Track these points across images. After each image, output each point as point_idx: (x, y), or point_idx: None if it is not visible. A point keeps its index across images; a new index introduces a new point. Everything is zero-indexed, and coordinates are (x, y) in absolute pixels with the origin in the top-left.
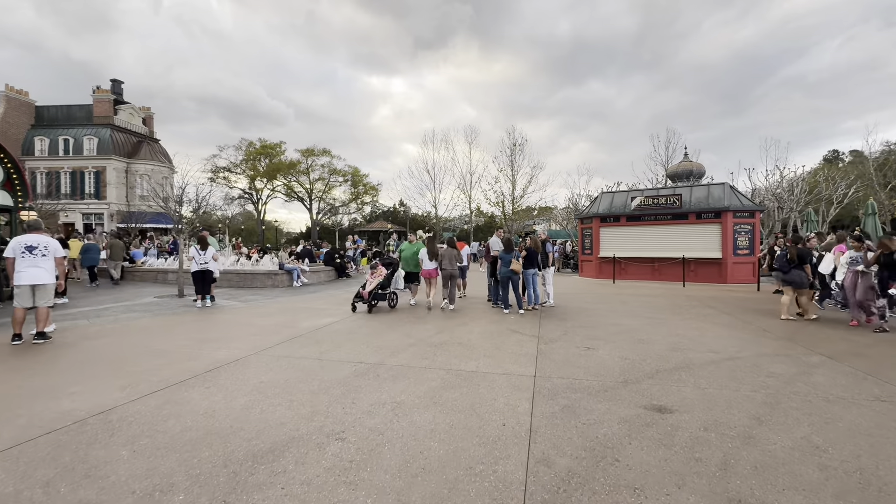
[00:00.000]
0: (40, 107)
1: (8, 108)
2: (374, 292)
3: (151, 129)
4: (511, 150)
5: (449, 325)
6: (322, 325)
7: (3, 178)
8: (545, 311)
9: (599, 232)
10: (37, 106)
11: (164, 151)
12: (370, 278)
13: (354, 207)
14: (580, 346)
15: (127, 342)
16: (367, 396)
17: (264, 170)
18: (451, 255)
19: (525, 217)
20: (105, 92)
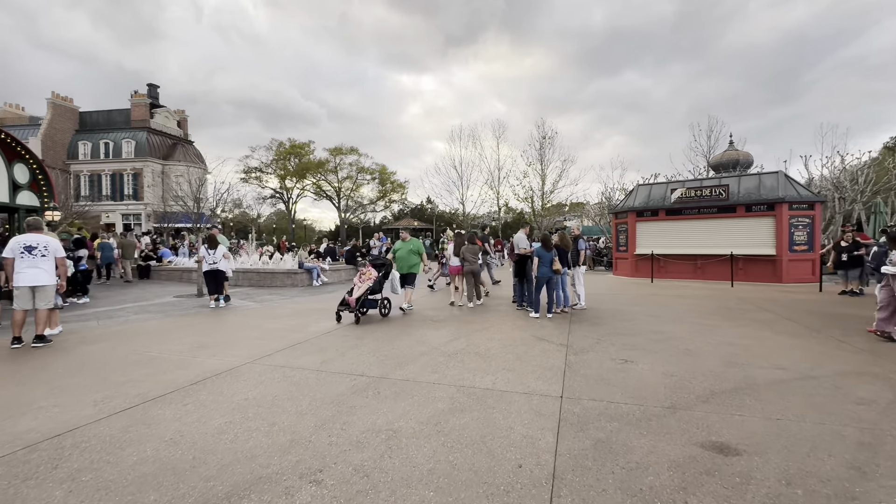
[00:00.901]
0: (83, 112)
1: (54, 115)
2: (362, 298)
3: (186, 131)
4: (540, 143)
5: (467, 330)
6: (331, 328)
7: (29, 179)
8: (575, 314)
9: (635, 227)
10: (80, 112)
11: (198, 153)
12: (358, 282)
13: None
14: (616, 357)
15: (123, 348)
16: (360, 420)
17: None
18: (473, 251)
19: (555, 213)
20: (142, 96)
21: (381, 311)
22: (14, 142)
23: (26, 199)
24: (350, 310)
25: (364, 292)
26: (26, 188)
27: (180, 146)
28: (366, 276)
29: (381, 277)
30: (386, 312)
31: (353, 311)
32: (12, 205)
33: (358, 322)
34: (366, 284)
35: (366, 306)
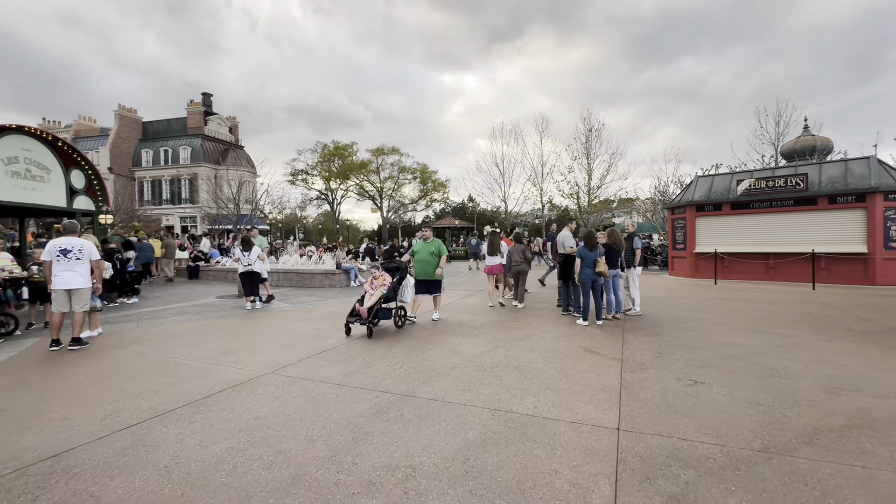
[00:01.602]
0: (146, 122)
1: (121, 126)
2: (375, 308)
3: (237, 137)
4: (586, 136)
5: (506, 339)
6: (361, 333)
7: (85, 184)
8: (630, 321)
9: (695, 223)
10: (143, 122)
11: (248, 157)
12: (369, 289)
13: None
14: (682, 377)
15: (152, 352)
16: (375, 452)
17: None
18: (520, 250)
19: (603, 209)
20: (196, 105)
21: (396, 321)
22: (71, 149)
23: (82, 203)
24: (361, 321)
25: (377, 301)
26: (82, 193)
27: (231, 151)
28: (378, 283)
29: (395, 283)
30: (401, 323)
31: (364, 322)
32: (69, 209)
33: (370, 335)
34: (379, 292)
35: (378, 317)
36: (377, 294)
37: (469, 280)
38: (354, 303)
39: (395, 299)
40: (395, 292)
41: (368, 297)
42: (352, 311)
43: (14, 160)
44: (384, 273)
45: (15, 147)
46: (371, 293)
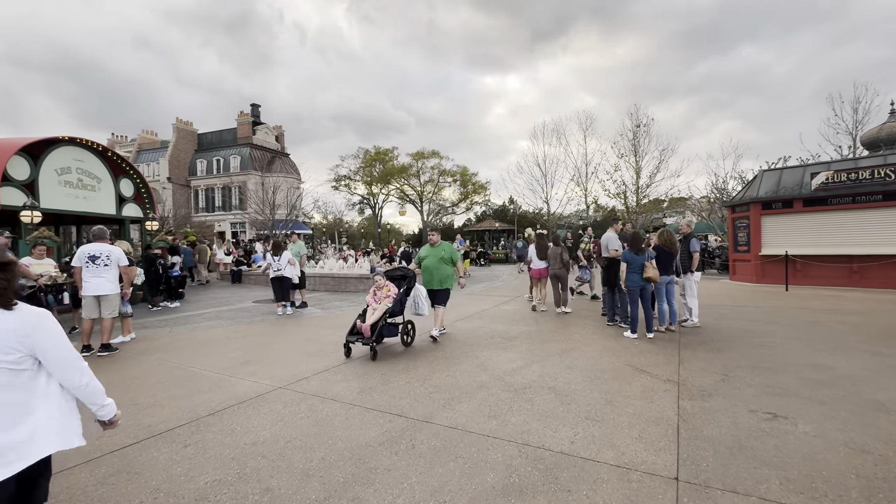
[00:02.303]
0: (201, 134)
1: (178, 138)
2: (378, 325)
3: (283, 144)
4: (634, 132)
5: (542, 353)
6: (386, 343)
7: (133, 192)
8: (686, 334)
9: (760, 222)
10: (199, 133)
11: (294, 164)
12: (372, 301)
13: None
14: (757, 408)
15: (173, 360)
16: (376, 497)
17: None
18: (557, 253)
19: (653, 209)
20: (246, 116)
21: (404, 339)
22: (119, 159)
23: (131, 210)
24: (363, 340)
25: (381, 316)
26: (131, 201)
27: (278, 159)
28: (382, 294)
29: (402, 295)
30: (409, 341)
31: (367, 342)
32: (119, 216)
33: (374, 357)
34: (383, 305)
35: (383, 335)
36: (381, 308)
37: (507, 284)
38: (355, 319)
39: (402, 313)
40: (401, 305)
41: (371, 311)
42: (352, 328)
43: (67, 170)
44: (389, 283)
45: (68, 158)
46: (374, 307)
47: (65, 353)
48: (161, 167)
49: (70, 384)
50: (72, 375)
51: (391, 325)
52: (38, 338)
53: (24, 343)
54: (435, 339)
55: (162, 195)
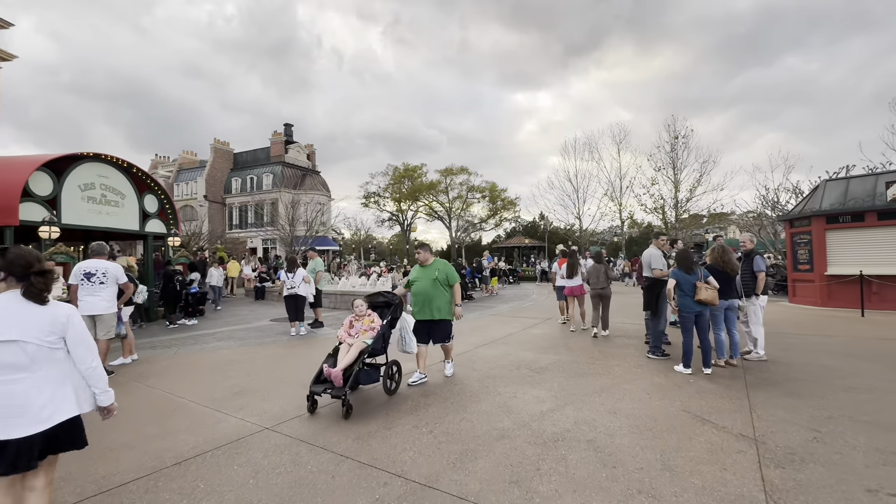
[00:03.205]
0: (236, 153)
1: (215, 158)
2: (354, 369)
3: (314, 163)
4: (671, 144)
5: (578, 390)
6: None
7: (158, 208)
8: (752, 370)
9: (825, 237)
10: (234, 153)
11: (324, 182)
12: (346, 335)
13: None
14: (877, 487)
15: (164, 389)
16: None
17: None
18: (599, 272)
19: (693, 225)
20: (279, 135)
21: (388, 385)
22: (145, 175)
23: (154, 226)
24: (333, 392)
25: (357, 358)
26: (155, 217)
27: (309, 176)
28: (362, 326)
29: (386, 327)
30: (394, 388)
31: (337, 393)
32: (142, 231)
33: (348, 415)
34: (360, 342)
35: (360, 382)
36: (358, 346)
37: (538, 304)
38: (322, 363)
39: (385, 351)
40: (384, 341)
41: (344, 350)
42: (318, 374)
43: (90, 186)
44: (371, 312)
45: (92, 174)
46: (348, 342)
47: (83, 339)
48: (199, 185)
49: (82, 364)
50: (85, 357)
51: (371, 367)
52: (67, 325)
53: (56, 329)
54: (448, 377)
55: (199, 212)
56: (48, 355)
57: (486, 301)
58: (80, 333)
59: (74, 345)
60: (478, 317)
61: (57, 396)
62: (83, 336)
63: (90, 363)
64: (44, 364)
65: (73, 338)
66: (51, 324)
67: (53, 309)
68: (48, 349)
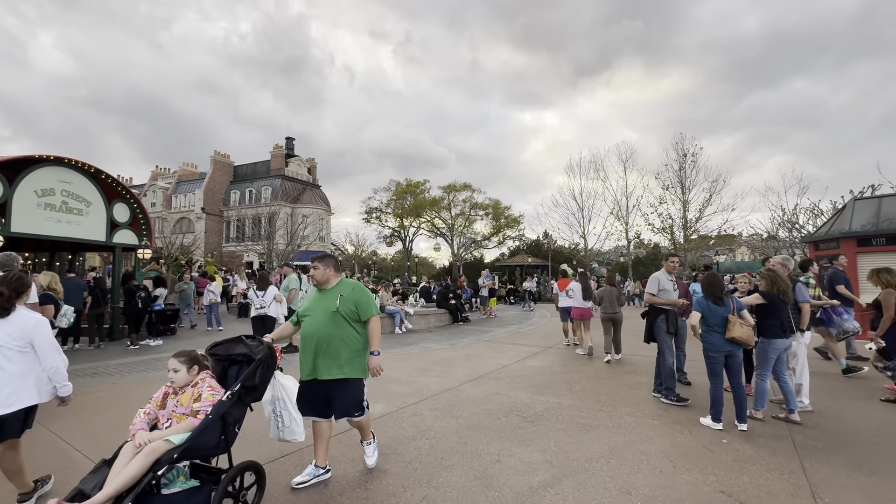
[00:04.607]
0: (237, 166)
1: (215, 170)
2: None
3: (314, 176)
4: (680, 162)
5: (580, 450)
6: None
7: (129, 218)
8: (800, 429)
9: (856, 262)
10: (235, 165)
11: (324, 196)
12: (140, 425)
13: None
14: None
15: (65, 434)
16: None
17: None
18: (613, 295)
19: (702, 246)
20: (280, 148)
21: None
22: (115, 182)
23: (124, 237)
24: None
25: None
26: (125, 227)
27: (308, 190)
28: (185, 403)
29: (227, 403)
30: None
31: None
32: (109, 242)
33: None
34: (156, 445)
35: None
36: (147, 453)
37: (539, 329)
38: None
39: (228, 449)
40: (223, 428)
41: (125, 458)
42: (74, 494)
43: (49, 192)
44: (208, 377)
45: (52, 179)
46: (139, 442)
47: (49, 344)
48: (197, 198)
49: (47, 365)
50: (50, 360)
51: (193, 487)
52: (35, 333)
53: (25, 336)
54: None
55: (195, 225)
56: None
57: (483, 324)
58: (46, 340)
59: (41, 350)
60: (470, 343)
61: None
62: (49, 342)
63: (55, 364)
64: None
65: (39, 344)
66: (20, 331)
67: (22, 319)
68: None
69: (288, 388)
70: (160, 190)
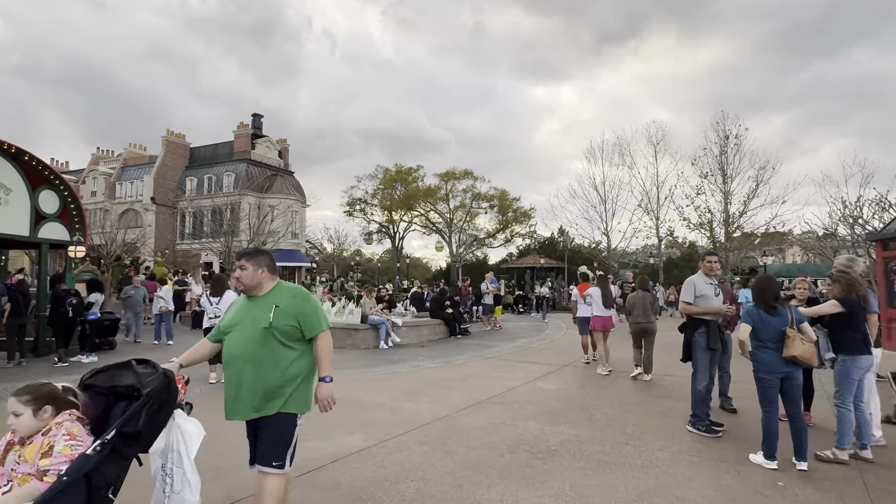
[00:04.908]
0: (194, 148)
1: (167, 152)
2: None
3: (287, 161)
4: (720, 146)
5: (605, 498)
6: (333, 459)
7: (59, 208)
8: (872, 472)
9: None
10: (191, 147)
11: (298, 185)
12: None
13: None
14: None
15: None
16: None
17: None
18: (645, 302)
19: (746, 246)
20: (245, 127)
21: None
22: (41, 165)
23: (51, 231)
24: None
25: None
26: (54, 219)
27: (279, 177)
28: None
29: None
30: None
31: None
32: (32, 238)
33: None
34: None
35: None
36: None
37: (552, 343)
38: None
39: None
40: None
41: None
42: None
43: None
44: (68, 420)
45: None
46: None
47: None
48: (145, 185)
49: None
50: None
51: None
52: None
53: None
54: None
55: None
56: None
57: (486, 337)
58: None
59: None
60: (469, 360)
61: None
62: None
63: None
64: None
65: None
66: None
67: None
68: None
69: (188, 436)
70: (102, 176)
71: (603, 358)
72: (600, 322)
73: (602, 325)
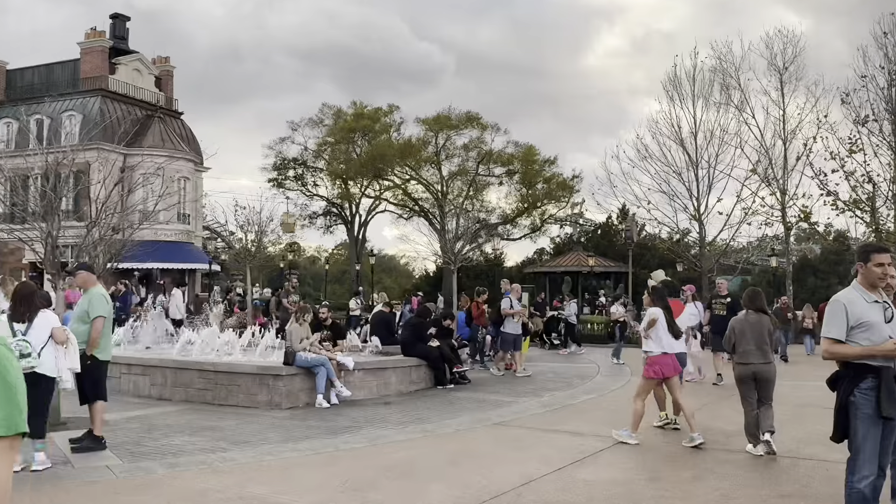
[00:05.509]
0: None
1: None
2: None
3: (169, 94)
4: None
5: None
6: None
7: None
8: None
9: None
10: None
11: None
12: None
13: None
14: None
15: None
16: None
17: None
18: (761, 330)
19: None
20: (99, 36)
21: None
22: None
23: None
24: None
25: None
26: None
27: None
28: None
29: None
30: None
31: None
32: None
33: None
34: None
35: None
36: None
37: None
38: None
39: None
40: None
41: None
42: None
43: None
44: None
45: None
46: None
47: None
48: None
49: None
50: None
51: None
52: None
53: None
54: None
55: None
56: None
57: (495, 387)
58: None
59: None
60: (463, 429)
61: None
62: None
63: None
64: None
65: None
66: None
67: None
68: None
69: None
70: None
71: (687, 420)
72: (671, 364)
73: (673, 369)
